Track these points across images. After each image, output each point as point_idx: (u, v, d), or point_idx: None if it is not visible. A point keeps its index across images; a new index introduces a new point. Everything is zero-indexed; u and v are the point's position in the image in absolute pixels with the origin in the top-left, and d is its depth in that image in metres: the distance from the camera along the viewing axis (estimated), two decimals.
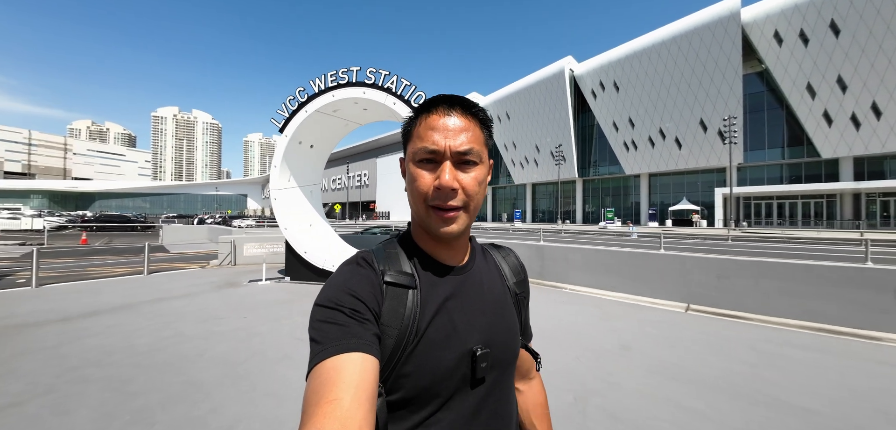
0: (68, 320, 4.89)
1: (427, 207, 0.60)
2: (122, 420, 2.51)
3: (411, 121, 0.65)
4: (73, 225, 31.84)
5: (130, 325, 4.66)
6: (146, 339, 4.11)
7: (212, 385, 2.99)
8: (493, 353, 0.62)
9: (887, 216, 29.81)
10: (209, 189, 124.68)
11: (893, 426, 2.40)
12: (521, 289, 0.76)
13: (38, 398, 2.82)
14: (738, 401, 2.67)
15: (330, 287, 0.57)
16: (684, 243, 14.95)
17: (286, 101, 7.97)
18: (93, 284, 7.59)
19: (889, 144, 28.61)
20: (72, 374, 3.22)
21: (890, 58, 27.43)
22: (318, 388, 0.46)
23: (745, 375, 3.12)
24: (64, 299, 6.08)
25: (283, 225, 7.96)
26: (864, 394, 2.83)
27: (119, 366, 3.39)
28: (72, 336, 4.22)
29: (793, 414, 2.52)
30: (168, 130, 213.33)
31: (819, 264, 4.82)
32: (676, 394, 2.79)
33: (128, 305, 5.72)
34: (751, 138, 34.91)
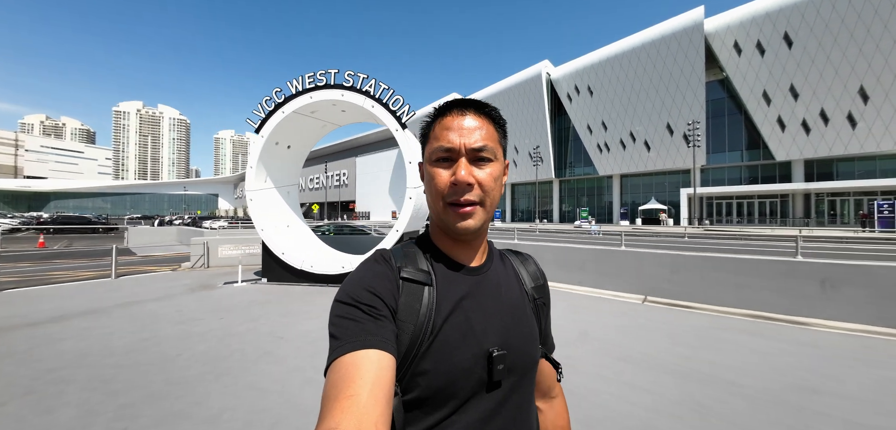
0: (37, 324, 4.80)
1: (445, 205, 0.62)
2: (107, 417, 2.60)
3: (428, 125, 0.67)
4: (28, 227, 29.85)
5: (104, 328, 4.63)
6: (123, 341, 4.12)
7: (194, 381, 3.11)
8: (510, 356, 0.61)
9: (834, 214, 32.29)
10: (177, 188, 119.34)
11: (803, 395, 2.84)
12: (540, 295, 0.75)
13: (18, 400, 2.85)
14: (676, 377, 3.06)
15: (348, 284, 0.58)
16: (646, 241, 15.82)
17: (263, 101, 7.97)
18: (58, 288, 7.34)
19: (835, 148, 31.07)
20: (49, 376, 3.24)
21: (836, 68, 29.79)
22: (336, 383, 0.47)
23: (685, 356, 3.54)
24: (29, 304, 5.89)
25: (260, 226, 7.95)
26: (783, 370, 3.29)
27: (97, 367, 3.43)
28: (43, 340, 4.17)
29: (721, 387, 2.92)
30: (131, 126, 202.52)
31: (757, 259, 5.39)
32: (625, 373, 3.15)
33: (98, 309, 5.62)
34: (713, 142, 37.00)
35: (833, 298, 4.91)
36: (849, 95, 29.68)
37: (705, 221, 36.24)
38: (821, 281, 5.02)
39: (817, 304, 4.96)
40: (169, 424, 2.48)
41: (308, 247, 8.47)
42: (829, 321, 4.78)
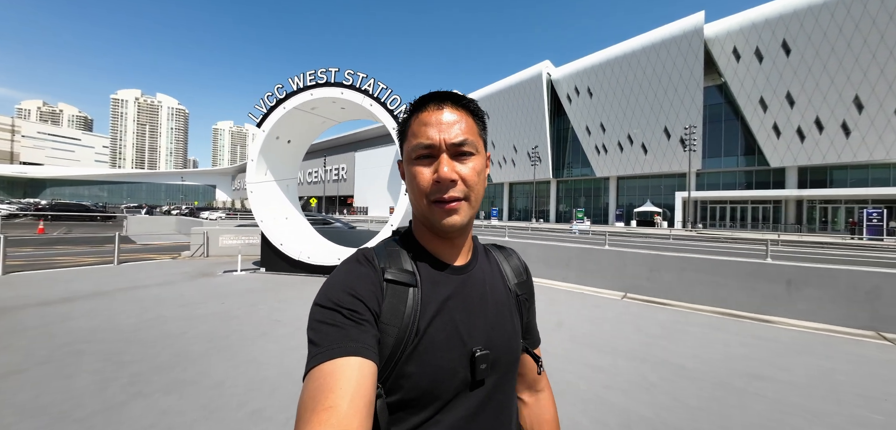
0: (47, 304, 5.08)
1: (429, 203, 0.60)
2: (121, 383, 2.90)
3: (405, 122, 0.65)
4: (25, 214, 29.98)
5: (111, 309, 4.92)
6: (130, 321, 4.42)
7: (198, 356, 3.41)
8: (492, 355, 0.61)
9: (825, 222, 32.77)
10: (174, 178, 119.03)
11: (746, 380, 3.16)
12: (523, 290, 0.75)
13: (37, 367, 3.14)
14: (633, 361, 3.39)
15: (329, 286, 0.57)
16: (631, 241, 16.17)
17: (265, 96, 8.23)
18: (63, 272, 7.61)
19: (829, 156, 31.50)
20: (65, 348, 3.54)
21: (832, 77, 30.17)
22: (314, 393, 0.46)
23: (646, 344, 3.87)
24: (37, 286, 6.17)
25: (259, 217, 8.23)
26: (735, 359, 3.61)
27: (108, 342, 3.72)
28: (55, 318, 4.46)
29: (671, 370, 3.25)
30: (129, 115, 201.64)
31: (730, 260, 5.72)
32: (589, 357, 3.47)
33: (103, 292, 5.90)
34: (709, 146, 37.40)
35: (797, 297, 5.24)
36: (844, 104, 30.08)
37: (699, 224, 36.68)
38: (787, 282, 5.36)
39: (783, 303, 5.30)
40: (178, 390, 2.79)
41: (306, 239, 8.76)
42: (792, 319, 5.12)
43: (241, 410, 2.52)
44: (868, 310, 4.87)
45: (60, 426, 2.32)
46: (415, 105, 0.64)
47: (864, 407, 2.75)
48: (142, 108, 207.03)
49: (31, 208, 32.72)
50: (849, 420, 2.57)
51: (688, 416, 2.55)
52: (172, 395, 2.71)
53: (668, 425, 2.44)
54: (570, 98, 44.60)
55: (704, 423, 2.48)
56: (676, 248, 10.45)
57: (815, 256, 9.69)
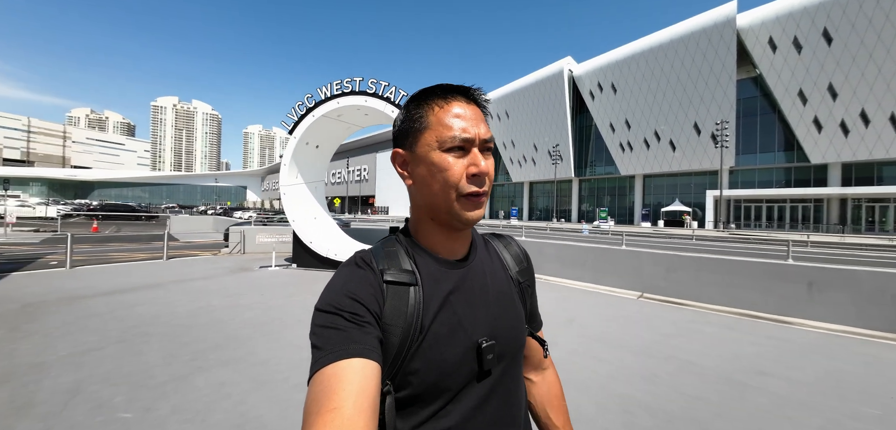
0: (111, 294, 5.77)
1: (458, 196, 0.60)
2: (184, 358, 3.39)
3: (422, 109, 0.63)
4: (79, 213, 32.66)
5: (167, 298, 5.55)
6: (184, 308, 5.00)
7: (245, 338, 3.89)
8: (498, 345, 0.62)
9: (872, 221, 30.66)
10: (208, 180, 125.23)
11: (750, 376, 3.28)
12: (524, 277, 0.76)
13: (113, 346, 3.70)
14: (641, 356, 3.57)
15: (329, 291, 0.57)
16: (650, 241, 15.87)
17: (296, 106, 8.82)
18: (120, 266, 8.47)
19: (876, 151, 29.45)
20: (134, 330, 4.11)
21: (880, 67, 28.20)
22: (318, 396, 0.46)
23: (656, 341, 4.02)
24: (99, 278, 6.95)
25: (292, 217, 8.82)
26: (743, 357, 3.72)
27: (169, 325, 4.28)
28: (120, 305, 5.10)
29: (677, 365, 3.42)
30: (168, 120, 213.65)
31: (748, 261, 5.71)
32: (598, 351, 3.68)
33: (157, 284, 6.60)
34: (743, 142, 35.72)
35: (818, 299, 5.20)
36: (892, 96, 28.06)
37: (732, 224, 35.15)
38: (808, 284, 5.31)
39: (803, 305, 5.26)
40: (232, 365, 3.24)
41: (333, 237, 9.30)
42: (811, 321, 5.09)
43: (285, 384, 2.94)
44: (894, 313, 4.78)
45: (139, 393, 2.80)
46: (432, 94, 0.63)
47: (866, 404, 2.83)
48: (179, 113, 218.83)
49: (84, 209, 35.58)
50: (846, 416, 2.68)
51: (685, 405, 2.74)
52: (227, 369, 3.17)
53: (665, 411, 2.64)
54: (593, 94, 43.72)
55: (701, 412, 2.66)
56: (694, 248, 10.27)
57: (844, 257, 9.31)
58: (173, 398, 2.73)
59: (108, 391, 2.78)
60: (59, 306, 5.02)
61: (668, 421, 2.52)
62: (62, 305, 5.08)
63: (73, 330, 4.08)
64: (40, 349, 3.53)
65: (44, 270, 7.83)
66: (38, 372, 3.06)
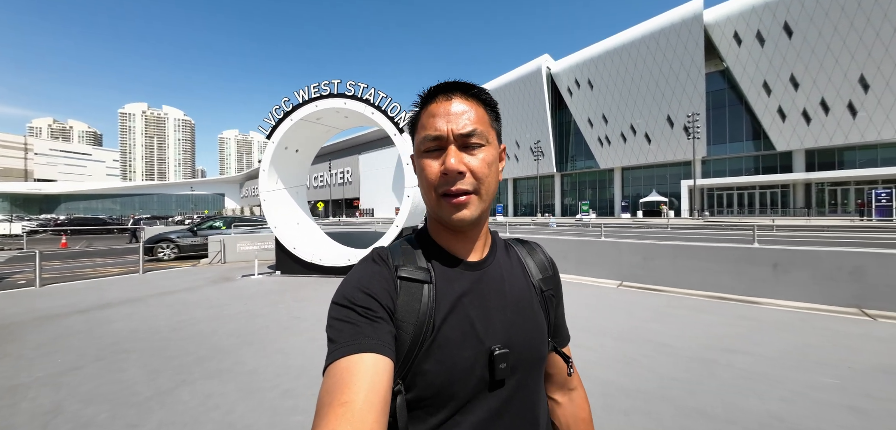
0: (86, 311, 5.57)
1: (438, 197, 0.60)
2: (168, 374, 3.34)
3: (415, 115, 0.64)
4: (46, 229, 31.04)
5: (146, 313, 5.40)
6: (165, 322, 4.88)
7: (231, 349, 3.85)
8: (513, 354, 0.60)
9: (834, 204, 32.47)
10: (184, 189, 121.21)
11: (719, 354, 3.49)
12: (548, 286, 0.73)
13: (92, 364, 3.60)
14: (620, 341, 3.75)
15: (345, 285, 0.58)
16: (629, 232, 16.40)
17: (273, 110, 8.68)
18: (93, 282, 8.15)
19: (836, 137, 31.22)
20: (112, 347, 4.00)
21: (837, 57, 29.88)
22: (331, 388, 0.47)
23: (634, 326, 4.22)
24: (73, 296, 6.69)
25: (273, 224, 8.69)
26: (714, 336, 3.94)
27: (149, 341, 4.18)
28: (97, 323, 4.94)
29: (653, 347, 3.60)
30: (137, 128, 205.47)
31: (719, 246, 6.02)
32: (579, 338, 3.83)
33: (136, 298, 6.40)
34: (713, 133, 37.22)
35: (783, 279, 5.53)
36: (849, 85, 29.80)
37: (705, 212, 36.55)
38: (773, 265, 5.65)
39: (769, 285, 5.59)
40: (218, 377, 3.22)
41: (317, 242, 9.21)
42: (778, 300, 5.41)
43: (274, 391, 2.94)
44: (852, 288, 5.14)
45: (124, 410, 2.75)
46: (425, 97, 0.63)
47: (824, 374, 3.07)
48: (149, 120, 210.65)
49: (51, 224, 33.83)
50: (807, 386, 2.89)
51: (659, 384, 2.90)
52: (213, 381, 3.15)
53: (641, 391, 2.80)
54: (571, 91, 44.63)
55: (674, 390, 2.83)
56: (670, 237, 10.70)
57: (807, 239, 9.88)
58: (159, 413, 2.70)
59: (91, 411, 2.73)
60: (31, 326, 4.82)
61: (644, 401, 2.67)
62: (35, 325, 4.88)
63: (49, 350, 3.94)
64: (15, 372, 3.40)
65: (12, 290, 7.46)
66: (13, 396, 2.96)
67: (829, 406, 2.56)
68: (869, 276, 5.06)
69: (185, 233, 13.54)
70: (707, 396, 2.73)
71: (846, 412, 2.48)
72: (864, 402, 2.60)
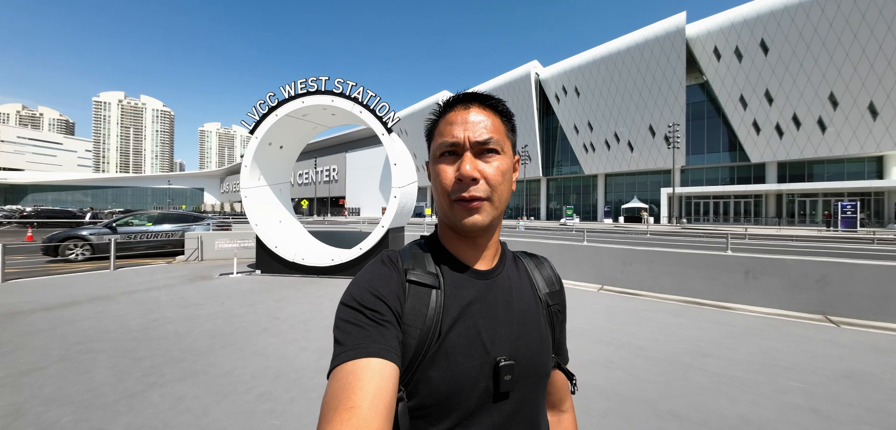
0: (51, 309, 5.31)
1: (451, 202, 0.60)
2: (136, 375, 3.21)
3: (433, 123, 0.66)
4: (10, 221, 29.49)
5: (115, 311, 5.18)
6: (135, 322, 4.69)
7: (205, 350, 3.73)
8: (518, 366, 0.60)
9: (804, 214, 33.99)
10: (161, 182, 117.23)
11: (694, 358, 3.60)
12: (554, 301, 0.73)
13: (56, 364, 3.43)
14: (599, 344, 3.82)
15: (354, 286, 0.58)
16: (610, 237, 16.76)
17: (257, 104, 8.48)
18: (60, 278, 7.78)
19: (806, 151, 32.72)
20: (78, 347, 3.82)
21: (808, 75, 31.33)
22: (337, 392, 0.47)
23: (612, 329, 4.31)
24: (38, 292, 6.36)
25: (254, 221, 8.49)
26: (689, 340, 4.06)
27: (118, 341, 4.01)
28: (62, 321, 4.71)
29: (630, 351, 3.68)
30: (112, 117, 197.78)
31: (693, 253, 6.21)
32: None
33: (105, 296, 6.14)
34: (693, 143, 38.46)
35: (754, 286, 5.75)
36: (820, 101, 31.28)
37: (683, 219, 37.68)
38: (745, 272, 5.86)
39: (741, 291, 5.80)
40: (191, 379, 3.11)
41: (299, 241, 9.05)
42: (749, 306, 5.62)
43: (250, 393, 2.87)
44: (817, 296, 5.38)
45: (88, 413, 2.63)
46: (444, 106, 0.65)
47: (791, 378, 3.20)
48: (125, 110, 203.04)
49: (16, 215, 32.16)
50: (776, 389, 3.01)
51: (636, 387, 2.97)
52: (186, 383, 3.04)
53: (618, 393, 2.85)
54: (558, 97, 45.35)
55: (649, 391, 2.90)
56: (648, 243, 10.98)
57: (777, 248, 10.30)
58: (126, 416, 2.59)
59: (54, 413, 2.59)
60: None
61: (620, 403, 2.72)
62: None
63: (10, 349, 3.73)
64: None
65: None
66: None
67: (795, 409, 2.67)
68: (833, 284, 5.30)
69: (102, 230, 11.65)
70: (681, 398, 2.81)
71: (811, 416, 2.59)
72: (827, 406, 2.72)
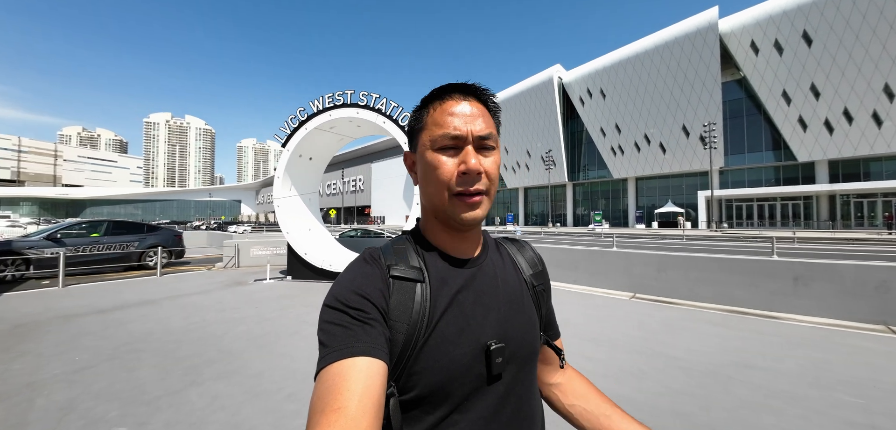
0: (104, 312, 5.74)
1: (451, 195, 0.60)
2: (177, 373, 3.40)
3: (421, 110, 0.64)
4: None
5: (160, 314, 5.53)
6: (178, 324, 4.99)
7: (240, 351, 3.90)
8: (509, 348, 0.61)
9: (861, 217, 31.24)
10: (203, 195, 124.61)
11: (736, 369, 3.36)
12: (539, 281, 0.74)
13: (105, 363, 3.69)
14: (630, 354, 3.65)
15: (337, 286, 0.57)
16: (643, 242, 16.05)
17: (288, 119, 8.89)
18: (112, 284, 8.40)
19: (860, 147, 30.15)
20: (125, 347, 4.10)
21: (859, 66, 28.99)
22: (323, 393, 0.47)
23: (645, 339, 4.10)
24: (92, 296, 6.90)
25: (285, 229, 8.84)
26: (730, 351, 3.80)
27: (162, 341, 4.27)
28: (112, 323, 5.08)
29: (665, 361, 3.49)
30: (161, 136, 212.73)
31: (735, 258, 5.84)
32: (588, 350, 3.75)
33: (151, 300, 6.57)
34: (731, 143, 36.38)
35: (803, 293, 5.32)
36: (873, 93, 28.82)
37: (724, 223, 35.57)
38: (794, 278, 5.44)
39: (789, 299, 5.38)
40: (226, 378, 3.26)
41: (327, 248, 9.31)
42: (798, 315, 5.20)
43: (279, 393, 2.97)
44: (877, 304, 4.91)
45: (133, 408, 2.81)
46: (437, 94, 0.64)
47: (847, 393, 2.92)
48: (172, 129, 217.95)
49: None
50: (829, 404, 2.76)
51: (671, 399, 2.81)
52: (221, 382, 3.19)
53: (651, 405, 2.71)
54: (583, 100, 44.37)
55: (686, 405, 2.73)
56: (684, 248, 10.43)
57: (829, 252, 9.50)
58: (167, 412, 2.75)
59: (102, 408, 2.79)
60: (51, 325, 4.99)
61: (653, 415, 2.58)
62: (54, 324, 5.04)
63: (66, 349, 4.07)
64: (33, 369, 3.52)
65: (38, 289, 7.75)
66: (30, 391, 3.06)
67: (852, 426, 2.44)
68: (894, 291, 4.82)
69: (43, 243, 9.83)
70: (721, 412, 2.63)
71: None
72: (889, 423, 2.46)
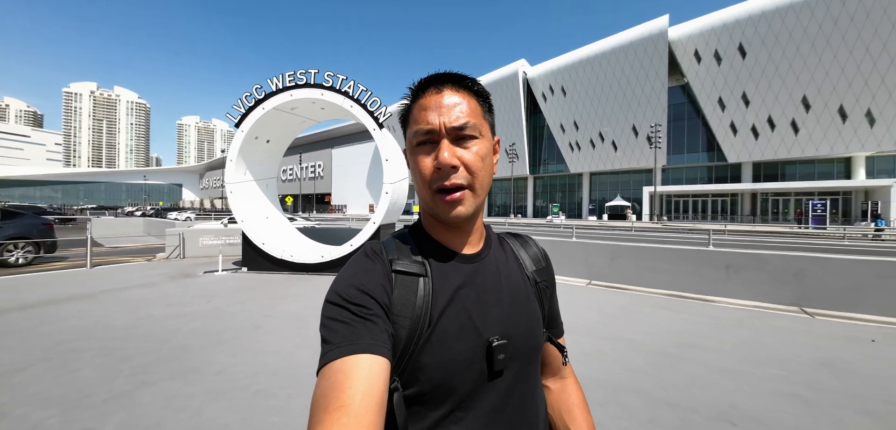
0: (30, 307, 5.08)
1: (433, 193, 0.59)
2: (125, 374, 3.11)
3: (407, 108, 0.63)
4: None
5: (98, 310, 4.99)
6: (120, 320, 4.54)
7: (197, 348, 3.64)
8: (511, 344, 0.60)
9: (777, 213, 35.44)
10: (136, 177, 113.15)
11: (683, 349, 3.73)
12: (542, 278, 0.73)
13: (39, 364, 3.29)
14: (590, 337, 3.92)
15: (339, 282, 0.56)
16: (597, 233, 17.16)
17: (243, 97, 8.27)
18: (33, 276, 7.44)
19: (780, 152, 34.07)
20: (61, 347, 3.67)
21: (783, 78, 32.58)
22: (326, 391, 0.46)
23: (604, 323, 4.42)
24: (14, 291, 6.07)
25: (240, 217, 8.30)
26: (677, 332, 4.20)
27: (103, 339, 3.87)
28: (42, 320, 4.52)
29: (623, 344, 3.80)
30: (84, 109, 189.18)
31: (677, 248, 6.42)
32: None
33: (86, 294, 5.91)
34: (673, 143, 39.52)
35: (735, 280, 5.98)
36: (793, 104, 32.59)
37: (664, 217, 38.74)
38: (726, 266, 6.09)
39: (723, 285, 6.03)
40: (182, 377, 3.04)
41: (288, 237, 8.90)
42: (730, 299, 5.85)
43: (248, 390, 2.82)
44: (794, 289, 5.64)
45: (77, 413, 2.54)
46: (415, 89, 0.63)
47: (774, 367, 3.36)
48: (98, 102, 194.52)
49: None
50: (759, 377, 3.15)
51: (629, 377, 3.06)
52: (177, 381, 2.97)
53: (614, 384, 2.94)
54: (545, 96, 45.86)
55: (643, 382, 3.00)
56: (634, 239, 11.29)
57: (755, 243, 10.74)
58: (117, 415, 2.52)
59: (39, 414, 2.49)
60: None
61: (614, 392, 2.81)
62: None
63: None
64: None
65: None
66: None
67: (779, 396, 2.81)
68: (809, 278, 5.57)
69: None
70: (672, 387, 2.91)
71: (794, 401, 2.73)
72: (808, 392, 2.87)
